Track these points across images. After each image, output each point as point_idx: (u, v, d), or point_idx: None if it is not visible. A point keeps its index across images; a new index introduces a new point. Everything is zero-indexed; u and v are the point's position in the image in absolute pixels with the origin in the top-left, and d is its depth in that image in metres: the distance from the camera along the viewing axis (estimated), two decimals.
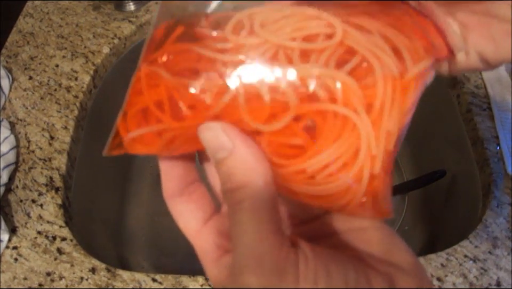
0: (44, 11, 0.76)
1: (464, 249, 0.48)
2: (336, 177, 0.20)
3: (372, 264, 0.20)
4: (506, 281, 0.46)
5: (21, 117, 0.62)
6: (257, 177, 0.19)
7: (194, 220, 0.24)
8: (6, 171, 0.55)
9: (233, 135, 0.19)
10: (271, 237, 0.18)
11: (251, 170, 0.19)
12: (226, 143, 0.19)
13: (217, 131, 0.20)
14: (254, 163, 0.19)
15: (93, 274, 0.49)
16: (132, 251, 0.71)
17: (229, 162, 0.19)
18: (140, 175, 0.80)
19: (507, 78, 0.61)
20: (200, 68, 0.21)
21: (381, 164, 0.20)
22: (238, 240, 0.18)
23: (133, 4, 0.74)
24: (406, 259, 0.21)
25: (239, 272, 0.18)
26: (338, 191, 0.21)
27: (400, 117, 0.20)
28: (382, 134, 0.20)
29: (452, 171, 0.64)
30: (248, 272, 0.18)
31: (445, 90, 0.66)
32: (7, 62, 0.69)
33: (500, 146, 0.55)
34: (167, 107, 0.21)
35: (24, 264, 0.50)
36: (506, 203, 0.51)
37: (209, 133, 0.20)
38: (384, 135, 0.20)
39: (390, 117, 0.20)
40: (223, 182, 0.20)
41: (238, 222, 0.19)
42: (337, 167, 0.20)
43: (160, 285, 0.48)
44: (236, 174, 0.19)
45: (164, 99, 0.21)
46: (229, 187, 0.19)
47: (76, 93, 0.65)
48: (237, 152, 0.19)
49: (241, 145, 0.19)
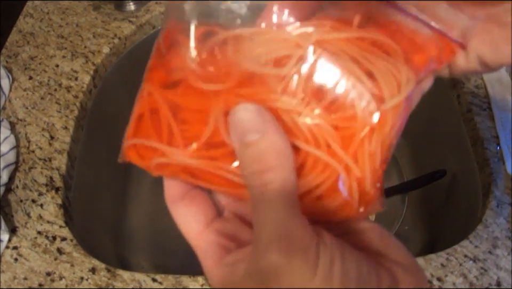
0: (44, 11, 0.76)
1: (464, 249, 0.48)
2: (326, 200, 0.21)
3: (378, 261, 0.21)
4: (507, 281, 0.46)
5: (21, 117, 0.62)
6: (286, 162, 0.19)
7: (196, 222, 0.24)
8: (6, 171, 0.55)
9: (267, 119, 0.20)
10: (298, 217, 0.19)
11: (281, 154, 0.19)
12: (260, 125, 0.20)
13: (253, 113, 0.20)
14: (284, 148, 0.20)
15: (93, 274, 0.49)
16: (131, 251, 0.72)
17: (261, 144, 0.19)
18: (140, 175, 0.80)
19: (507, 78, 0.61)
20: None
21: (369, 181, 0.21)
22: (266, 219, 0.19)
23: (133, 4, 0.74)
24: (405, 258, 0.21)
25: (265, 249, 0.18)
26: (333, 209, 0.21)
27: (382, 138, 0.21)
28: (364, 158, 0.21)
29: (452, 171, 0.64)
30: (274, 249, 0.18)
31: (445, 90, 0.66)
32: (7, 62, 0.69)
33: (500, 146, 0.55)
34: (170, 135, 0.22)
35: (24, 264, 0.50)
36: (506, 203, 0.51)
37: (246, 113, 0.20)
38: (367, 158, 0.21)
39: (370, 143, 0.21)
40: (249, 164, 0.20)
41: (267, 200, 0.19)
42: (321, 192, 0.21)
43: (160, 285, 0.48)
44: (266, 156, 0.19)
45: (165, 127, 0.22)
46: (257, 169, 0.19)
47: (76, 93, 0.65)
48: (270, 136, 0.20)
49: (273, 129, 0.20)
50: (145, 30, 0.74)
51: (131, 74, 0.76)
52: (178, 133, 0.22)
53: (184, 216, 0.24)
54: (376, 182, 0.21)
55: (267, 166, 0.19)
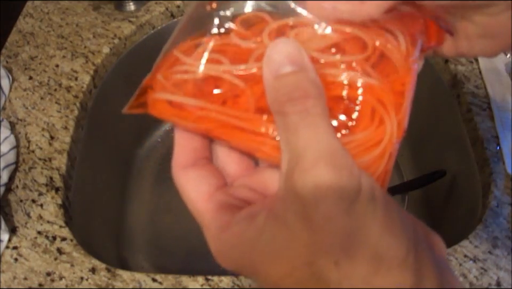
0: (44, 12, 0.76)
1: (464, 249, 0.48)
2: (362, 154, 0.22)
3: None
4: (506, 281, 0.46)
5: (21, 117, 0.62)
6: (322, 94, 0.20)
7: (204, 186, 0.23)
8: (6, 171, 0.55)
9: (305, 56, 0.20)
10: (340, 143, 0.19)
11: (318, 88, 0.20)
12: (299, 59, 0.20)
13: (292, 46, 0.20)
14: (319, 85, 0.20)
15: (93, 274, 0.49)
16: (132, 251, 0.72)
17: (299, 75, 0.20)
18: (140, 175, 0.80)
19: (507, 78, 0.61)
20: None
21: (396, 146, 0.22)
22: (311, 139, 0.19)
23: (133, 4, 0.74)
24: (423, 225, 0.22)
25: (312, 166, 0.18)
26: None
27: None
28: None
29: (452, 171, 0.64)
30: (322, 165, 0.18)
31: (445, 90, 0.66)
32: (7, 62, 0.69)
33: (500, 146, 0.55)
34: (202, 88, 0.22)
35: (24, 264, 0.50)
36: (506, 203, 0.51)
37: (284, 46, 0.20)
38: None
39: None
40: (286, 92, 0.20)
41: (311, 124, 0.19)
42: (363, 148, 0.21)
43: (160, 285, 0.48)
44: (305, 85, 0.20)
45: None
46: (297, 95, 0.19)
47: (75, 93, 0.65)
48: (308, 70, 0.20)
49: (310, 66, 0.20)
50: (145, 30, 0.74)
51: (131, 74, 0.76)
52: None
53: (194, 179, 0.23)
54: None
55: (308, 93, 0.20)
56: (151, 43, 0.75)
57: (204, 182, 0.23)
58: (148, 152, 0.83)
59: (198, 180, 0.23)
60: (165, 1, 0.75)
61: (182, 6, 0.75)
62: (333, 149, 0.19)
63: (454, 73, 0.64)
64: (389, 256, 0.18)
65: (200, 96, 0.22)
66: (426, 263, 0.19)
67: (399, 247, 0.18)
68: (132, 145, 0.82)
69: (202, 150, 0.24)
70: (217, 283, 0.47)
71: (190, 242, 0.72)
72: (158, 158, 0.82)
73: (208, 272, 0.49)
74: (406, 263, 0.18)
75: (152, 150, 0.83)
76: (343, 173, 0.18)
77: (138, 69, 0.88)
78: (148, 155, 0.83)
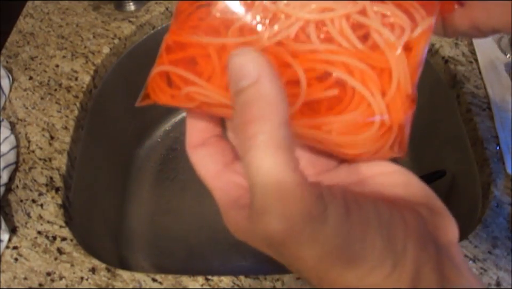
0: (44, 12, 0.76)
1: (464, 249, 0.48)
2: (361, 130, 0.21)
3: (402, 204, 0.21)
4: (506, 281, 0.46)
5: (21, 117, 0.62)
6: (273, 113, 0.18)
7: (215, 163, 0.23)
8: (6, 171, 0.55)
9: (262, 66, 0.18)
10: (290, 174, 0.17)
11: (269, 105, 0.18)
12: (252, 72, 0.18)
13: (246, 58, 0.18)
14: (273, 98, 0.18)
15: (93, 274, 0.49)
16: (132, 251, 0.72)
17: (249, 92, 0.18)
18: (140, 175, 0.80)
19: (507, 78, 0.61)
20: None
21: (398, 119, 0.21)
22: (255, 178, 0.17)
23: (133, 4, 0.74)
24: (432, 200, 0.21)
25: (261, 211, 0.17)
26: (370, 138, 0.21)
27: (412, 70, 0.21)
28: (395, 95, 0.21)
29: (452, 171, 0.64)
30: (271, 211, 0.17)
31: (445, 90, 0.66)
32: (7, 62, 0.69)
33: (499, 146, 0.55)
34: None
35: (24, 264, 0.50)
36: (506, 203, 0.51)
37: (239, 58, 0.19)
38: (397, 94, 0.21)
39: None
40: (238, 114, 0.18)
41: (252, 157, 0.17)
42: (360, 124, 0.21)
43: (160, 285, 0.48)
44: (253, 106, 0.18)
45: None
46: (242, 120, 0.18)
47: (76, 93, 0.65)
48: (261, 83, 0.18)
49: (266, 77, 0.18)
50: (145, 30, 0.74)
51: (131, 74, 0.76)
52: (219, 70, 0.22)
53: (203, 157, 0.24)
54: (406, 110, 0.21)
55: (252, 116, 0.18)
56: (151, 43, 0.75)
57: (212, 160, 0.24)
58: (148, 152, 0.83)
59: (206, 158, 0.24)
60: (165, 1, 0.75)
61: None
62: (278, 188, 0.17)
63: (454, 73, 0.64)
64: (372, 275, 0.18)
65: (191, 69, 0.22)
66: (422, 266, 0.18)
67: (382, 265, 0.18)
68: (132, 145, 0.82)
69: (211, 128, 0.25)
70: (217, 283, 0.47)
71: (190, 242, 0.72)
72: (158, 158, 0.82)
73: (208, 272, 0.49)
74: (392, 276, 0.18)
75: (152, 150, 0.83)
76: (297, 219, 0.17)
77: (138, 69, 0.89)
78: (148, 155, 0.83)
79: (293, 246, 0.17)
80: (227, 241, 0.69)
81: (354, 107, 0.21)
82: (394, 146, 0.22)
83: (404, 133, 0.22)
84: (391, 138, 0.21)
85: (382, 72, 0.21)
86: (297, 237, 0.17)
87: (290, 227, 0.17)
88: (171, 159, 0.82)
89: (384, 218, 0.19)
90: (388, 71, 0.21)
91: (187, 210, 0.74)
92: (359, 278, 0.18)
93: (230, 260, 0.69)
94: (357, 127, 0.21)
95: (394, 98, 0.21)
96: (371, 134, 0.21)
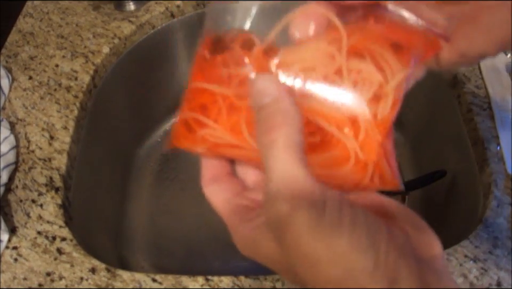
0: (43, 11, 0.76)
1: (464, 249, 0.48)
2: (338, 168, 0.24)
3: (389, 218, 0.23)
4: (507, 281, 0.46)
5: (20, 117, 0.62)
6: (292, 121, 0.22)
7: (225, 193, 0.27)
8: (6, 171, 0.55)
9: (280, 87, 0.23)
10: (303, 169, 0.21)
11: (288, 116, 0.22)
12: (273, 91, 0.23)
13: (268, 81, 0.23)
14: (291, 111, 0.22)
15: (93, 274, 0.49)
16: (132, 251, 0.72)
17: (272, 107, 0.22)
18: (140, 175, 0.80)
19: (507, 78, 0.61)
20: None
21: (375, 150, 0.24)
22: (273, 170, 0.21)
23: (133, 4, 0.74)
24: (416, 220, 0.24)
25: (273, 198, 0.21)
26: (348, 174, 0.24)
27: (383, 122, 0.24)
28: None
29: (452, 171, 0.64)
30: (280, 198, 0.20)
31: (445, 90, 0.66)
32: (7, 62, 0.69)
33: (500, 146, 0.55)
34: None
35: (24, 264, 0.50)
36: (507, 203, 0.51)
37: (262, 81, 0.24)
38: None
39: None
40: (261, 125, 0.22)
41: (275, 155, 0.21)
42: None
43: (160, 285, 0.48)
44: (275, 117, 0.22)
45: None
46: (265, 128, 0.22)
47: (75, 93, 0.65)
48: (281, 100, 0.23)
49: (284, 96, 0.23)
50: (145, 30, 0.74)
51: (131, 74, 0.76)
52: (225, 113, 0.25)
53: (216, 191, 0.27)
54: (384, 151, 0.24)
55: (273, 124, 0.22)
56: (151, 43, 0.75)
57: (223, 192, 0.27)
58: (148, 152, 0.83)
59: (218, 191, 0.27)
60: (165, 1, 0.75)
61: (182, 6, 0.75)
62: (292, 180, 0.20)
63: (454, 73, 0.64)
64: (357, 270, 0.19)
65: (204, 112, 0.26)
66: (401, 270, 0.20)
67: (365, 260, 0.19)
68: (132, 145, 0.82)
69: (223, 167, 0.29)
70: (217, 283, 0.47)
71: (189, 242, 0.72)
72: (158, 158, 0.82)
73: (208, 272, 0.49)
74: (374, 275, 0.19)
75: (152, 150, 0.83)
76: (302, 204, 0.20)
77: (138, 69, 0.89)
78: (148, 155, 0.83)
79: (296, 228, 0.20)
80: (227, 241, 0.69)
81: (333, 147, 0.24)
82: (375, 179, 0.24)
83: (381, 168, 0.24)
84: (369, 171, 0.24)
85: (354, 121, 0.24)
86: (300, 218, 0.20)
87: (295, 210, 0.20)
88: (171, 159, 0.82)
89: (372, 224, 0.20)
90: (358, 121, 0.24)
91: (187, 210, 0.74)
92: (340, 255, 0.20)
93: (230, 260, 0.69)
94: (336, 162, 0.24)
95: (365, 142, 0.24)
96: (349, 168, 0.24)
